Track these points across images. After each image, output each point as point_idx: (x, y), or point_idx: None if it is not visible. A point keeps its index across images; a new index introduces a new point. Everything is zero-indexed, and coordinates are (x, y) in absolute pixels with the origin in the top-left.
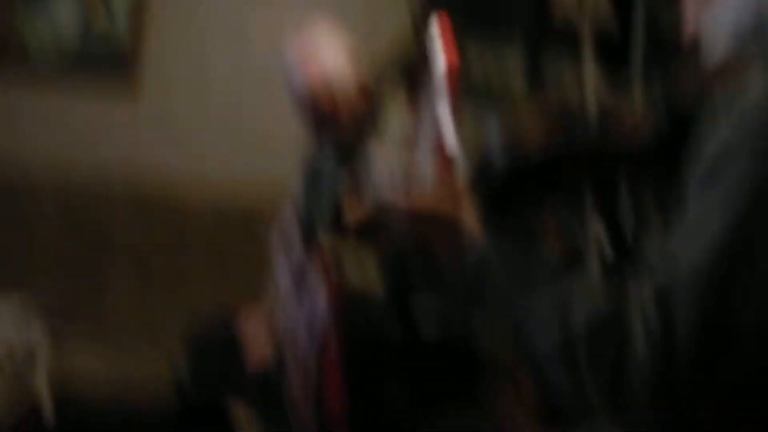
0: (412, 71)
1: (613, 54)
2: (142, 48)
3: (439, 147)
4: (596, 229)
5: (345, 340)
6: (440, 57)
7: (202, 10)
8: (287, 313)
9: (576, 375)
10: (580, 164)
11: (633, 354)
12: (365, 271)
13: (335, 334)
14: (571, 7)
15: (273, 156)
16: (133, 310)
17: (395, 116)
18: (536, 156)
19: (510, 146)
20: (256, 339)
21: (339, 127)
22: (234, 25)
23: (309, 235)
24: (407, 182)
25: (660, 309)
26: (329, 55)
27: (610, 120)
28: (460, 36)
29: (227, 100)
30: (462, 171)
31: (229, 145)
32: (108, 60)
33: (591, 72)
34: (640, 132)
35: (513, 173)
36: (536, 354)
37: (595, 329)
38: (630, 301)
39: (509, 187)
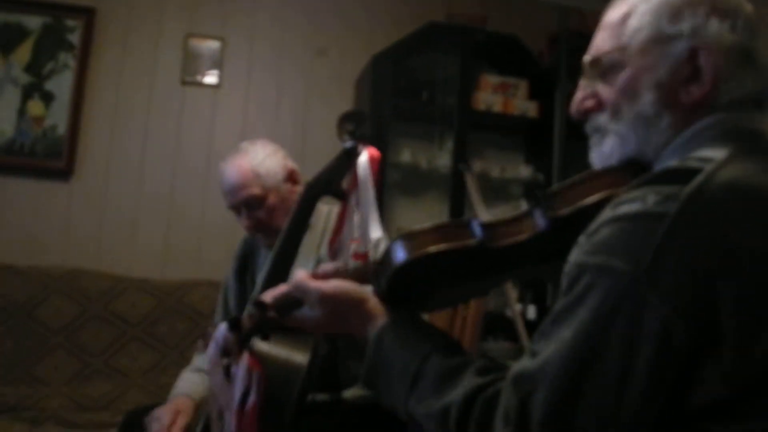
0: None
1: (535, 137)
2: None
3: (360, 241)
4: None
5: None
6: (364, 154)
7: (140, 103)
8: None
9: None
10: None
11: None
12: (290, 343)
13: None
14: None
15: (205, 241)
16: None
17: (323, 207)
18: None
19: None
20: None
21: (269, 213)
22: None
23: (235, 320)
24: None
25: (517, 391)
26: (260, 148)
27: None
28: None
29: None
30: (381, 251)
31: (163, 229)
32: (46, 148)
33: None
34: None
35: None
36: (420, 415)
37: (468, 401)
38: (500, 383)
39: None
